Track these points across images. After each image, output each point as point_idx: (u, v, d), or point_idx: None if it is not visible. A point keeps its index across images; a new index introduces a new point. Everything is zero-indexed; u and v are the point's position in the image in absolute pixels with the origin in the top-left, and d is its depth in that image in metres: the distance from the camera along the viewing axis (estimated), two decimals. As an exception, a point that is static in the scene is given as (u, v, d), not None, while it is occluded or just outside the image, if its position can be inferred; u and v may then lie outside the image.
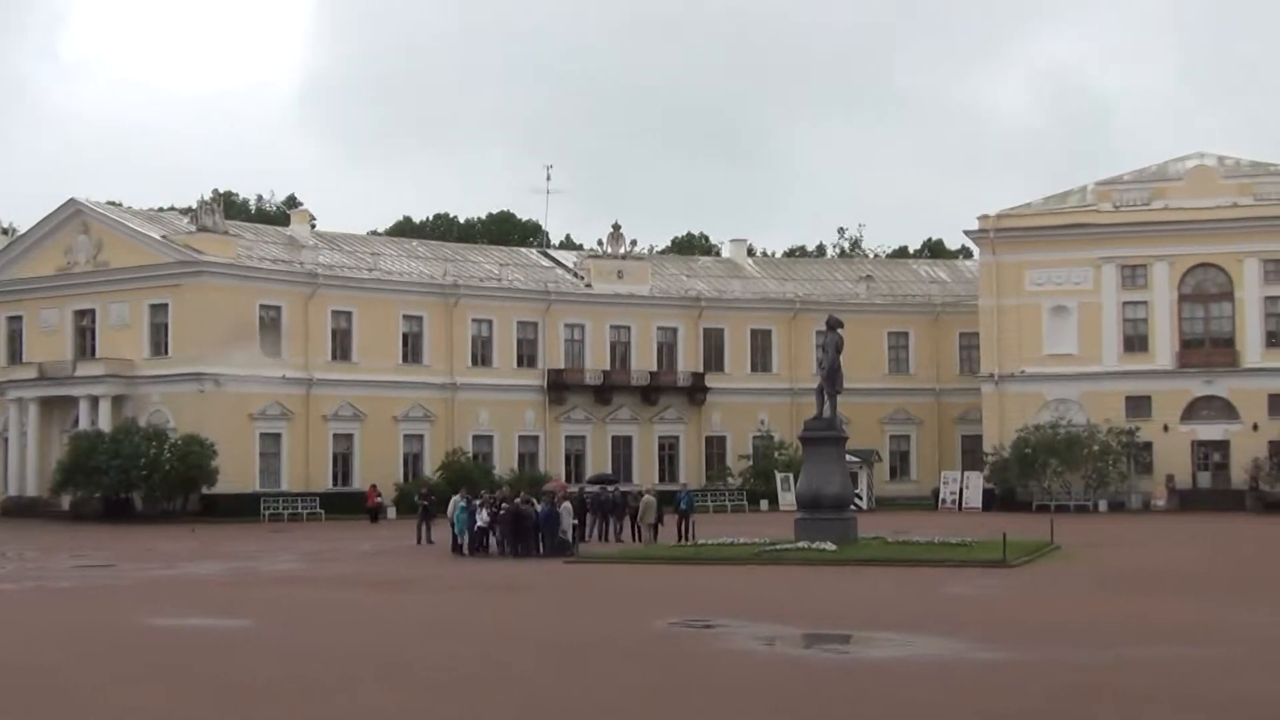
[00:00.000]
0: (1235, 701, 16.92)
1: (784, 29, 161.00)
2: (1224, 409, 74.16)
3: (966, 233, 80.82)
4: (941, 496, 75.29)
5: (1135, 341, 76.07)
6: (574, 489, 54.37)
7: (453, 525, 42.83)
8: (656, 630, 24.05)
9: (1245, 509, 69.28)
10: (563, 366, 77.63)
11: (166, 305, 68.12)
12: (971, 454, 79.81)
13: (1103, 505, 71.99)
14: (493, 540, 41.78)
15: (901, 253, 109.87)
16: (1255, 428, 73.04)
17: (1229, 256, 74.63)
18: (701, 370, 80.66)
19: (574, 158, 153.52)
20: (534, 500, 42.62)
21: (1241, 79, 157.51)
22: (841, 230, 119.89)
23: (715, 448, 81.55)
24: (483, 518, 41.73)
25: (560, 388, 77.04)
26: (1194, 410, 74.62)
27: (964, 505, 73.44)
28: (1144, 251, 75.47)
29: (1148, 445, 74.10)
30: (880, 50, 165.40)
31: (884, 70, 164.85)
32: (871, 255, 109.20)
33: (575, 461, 77.46)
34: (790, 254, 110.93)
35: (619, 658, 21.01)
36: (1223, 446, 74.11)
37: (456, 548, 42.27)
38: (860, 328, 74.81)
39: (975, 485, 74.96)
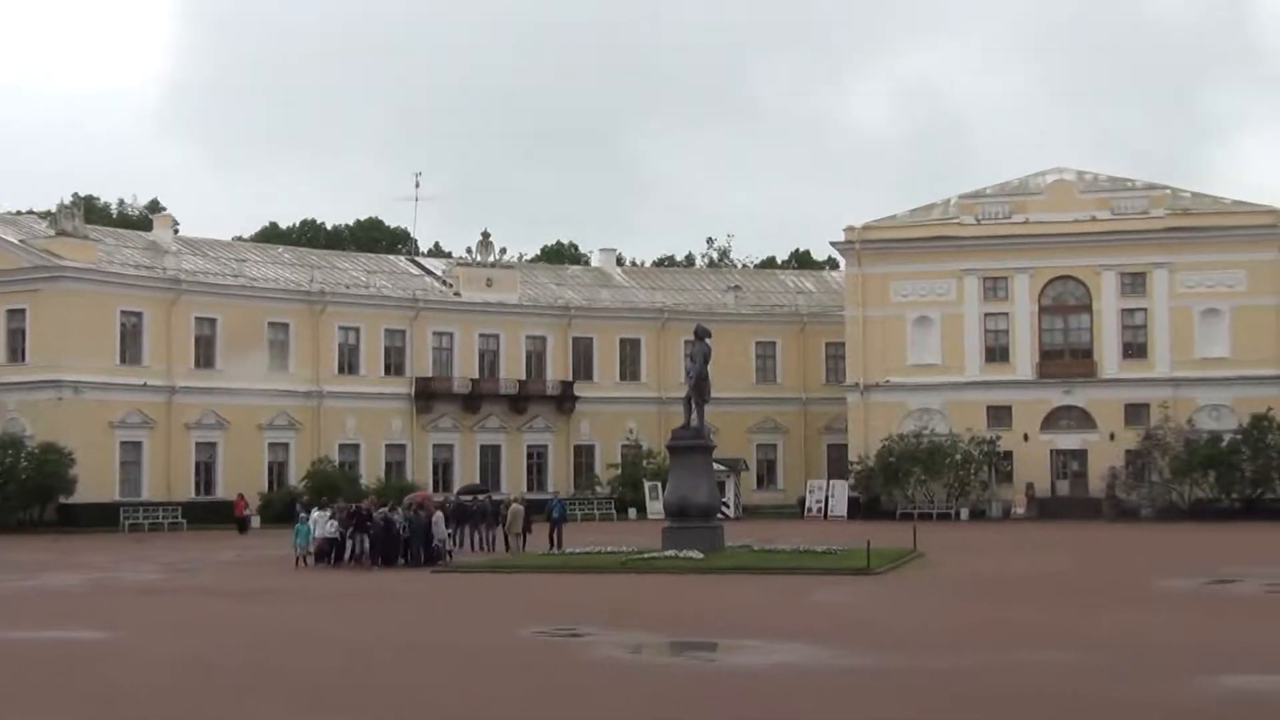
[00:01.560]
0: (1095, 704, 17.26)
1: (654, 38, 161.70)
2: (1082, 419, 75.73)
3: (833, 244, 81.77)
4: (807, 505, 75.99)
5: (996, 352, 77.43)
6: (440, 498, 53.94)
7: (295, 537, 41.89)
8: (523, 639, 24.00)
9: (1102, 517, 70.80)
10: (431, 375, 77.14)
11: (24, 311, 66.53)
12: (837, 463, 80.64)
13: (964, 513, 73.13)
14: (351, 549, 41.00)
15: (769, 263, 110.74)
16: (1112, 437, 74.63)
17: (1087, 269, 76.25)
18: (570, 379, 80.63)
19: (444, 165, 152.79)
20: (370, 511, 41.88)
21: (1101, 95, 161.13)
22: (710, 240, 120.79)
23: (584, 456, 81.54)
24: (329, 528, 40.91)
25: (428, 396, 76.53)
26: (1053, 420, 76.11)
27: (829, 513, 74.18)
28: (1005, 264, 76.85)
29: (1008, 454, 75.43)
30: (750, 62, 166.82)
31: (752, 82, 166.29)
32: (740, 265, 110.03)
33: (443, 470, 76.99)
34: (659, 264, 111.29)
35: (485, 667, 20.92)
36: (1080, 455, 75.64)
37: (302, 559, 41.13)
38: (728, 337, 75.27)
39: (840, 493, 75.75)
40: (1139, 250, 75.46)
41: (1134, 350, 76.05)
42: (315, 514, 41.94)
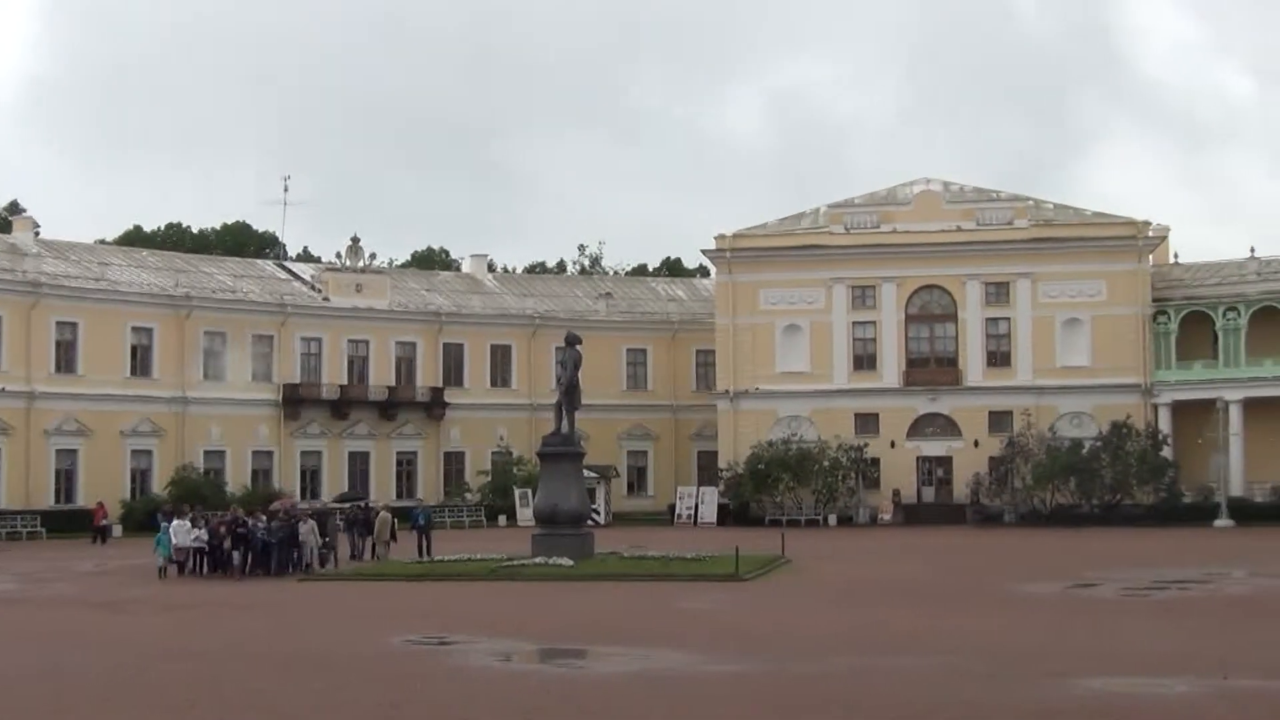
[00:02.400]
0: (956, 708, 17.50)
1: (523, 45, 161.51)
2: (947, 426, 76.85)
3: (704, 252, 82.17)
4: (677, 511, 76.24)
5: (864, 360, 78.31)
6: (305, 505, 53.31)
7: (157, 546, 41.13)
8: (391, 648, 23.80)
9: (966, 522, 71.97)
10: (299, 381, 76.21)
11: (-124, 314, 64.78)
12: (707, 469, 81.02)
13: (832, 519, 73.81)
14: (227, 559, 40.39)
15: (641, 271, 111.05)
16: (976, 444, 75.85)
17: (953, 279, 77.42)
18: (441, 385, 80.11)
19: (313, 170, 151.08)
20: (247, 519, 41.24)
21: (967, 106, 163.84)
22: (582, 247, 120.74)
23: (454, 463, 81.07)
24: (192, 537, 40.15)
25: (296, 402, 75.59)
26: (919, 427, 77.17)
27: (699, 520, 74.50)
28: (873, 273, 77.78)
29: (875, 461, 76.31)
30: (622, 69, 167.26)
31: (625, 89, 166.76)
32: (611, 273, 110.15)
33: (311, 478, 76.11)
34: (531, 270, 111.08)
35: (353, 676, 20.70)
36: (946, 462, 76.78)
37: (164, 569, 40.27)
38: (599, 344, 75.36)
39: (710, 500, 76.11)
40: (1003, 260, 76.80)
41: (998, 359, 77.35)
42: (175, 523, 41.12)
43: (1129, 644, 23.56)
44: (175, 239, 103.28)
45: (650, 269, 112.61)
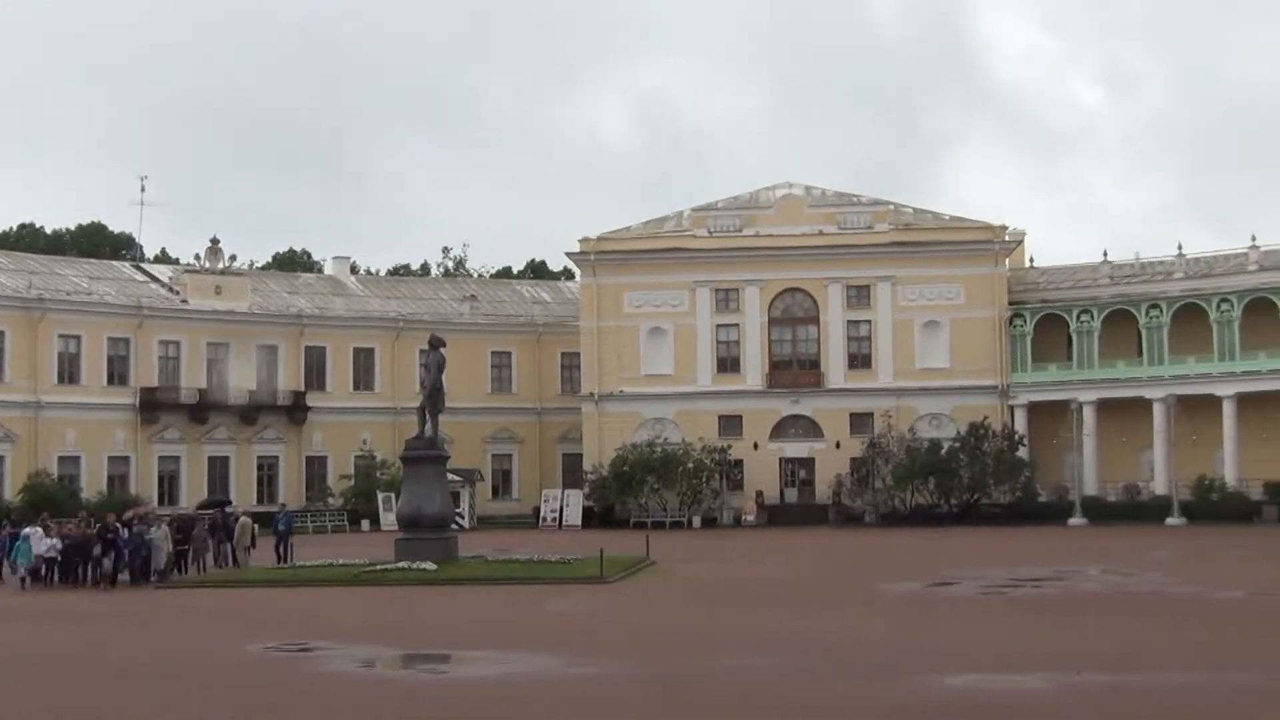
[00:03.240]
0: (815, 706, 17.69)
1: (386, 48, 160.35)
2: (809, 428, 77.69)
3: (568, 255, 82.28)
4: (543, 514, 76.12)
5: (728, 363, 78.92)
6: (165, 511, 52.32)
7: (7, 557, 40.06)
8: (251, 655, 23.47)
9: (828, 523, 72.78)
10: (156, 385, 74.83)
11: None
12: (572, 472, 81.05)
13: (697, 521, 74.27)
14: (89, 568, 39.31)
15: (505, 273, 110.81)
16: (838, 445, 76.76)
17: (815, 282, 78.28)
18: (302, 389, 79.23)
19: (171, 170, 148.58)
20: (119, 525, 40.36)
21: (829, 111, 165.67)
22: (446, 250, 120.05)
23: (316, 468, 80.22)
24: (45, 546, 39.14)
25: (154, 407, 74.25)
26: (782, 429, 77.91)
27: (564, 523, 74.47)
28: (736, 276, 78.40)
29: (739, 463, 76.90)
30: (484, 73, 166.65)
31: (490, 92, 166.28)
32: (476, 275, 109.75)
33: (169, 483, 74.83)
34: (394, 272, 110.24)
35: (211, 685, 20.38)
36: (808, 464, 77.62)
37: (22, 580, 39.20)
38: (463, 347, 74.95)
39: (575, 503, 76.09)
40: (864, 264, 77.82)
41: (859, 361, 78.36)
42: (28, 530, 40.03)
43: (986, 641, 23.97)
44: (28, 239, 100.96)
45: (515, 272, 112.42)
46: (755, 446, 77.35)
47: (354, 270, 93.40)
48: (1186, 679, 19.30)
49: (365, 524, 73.51)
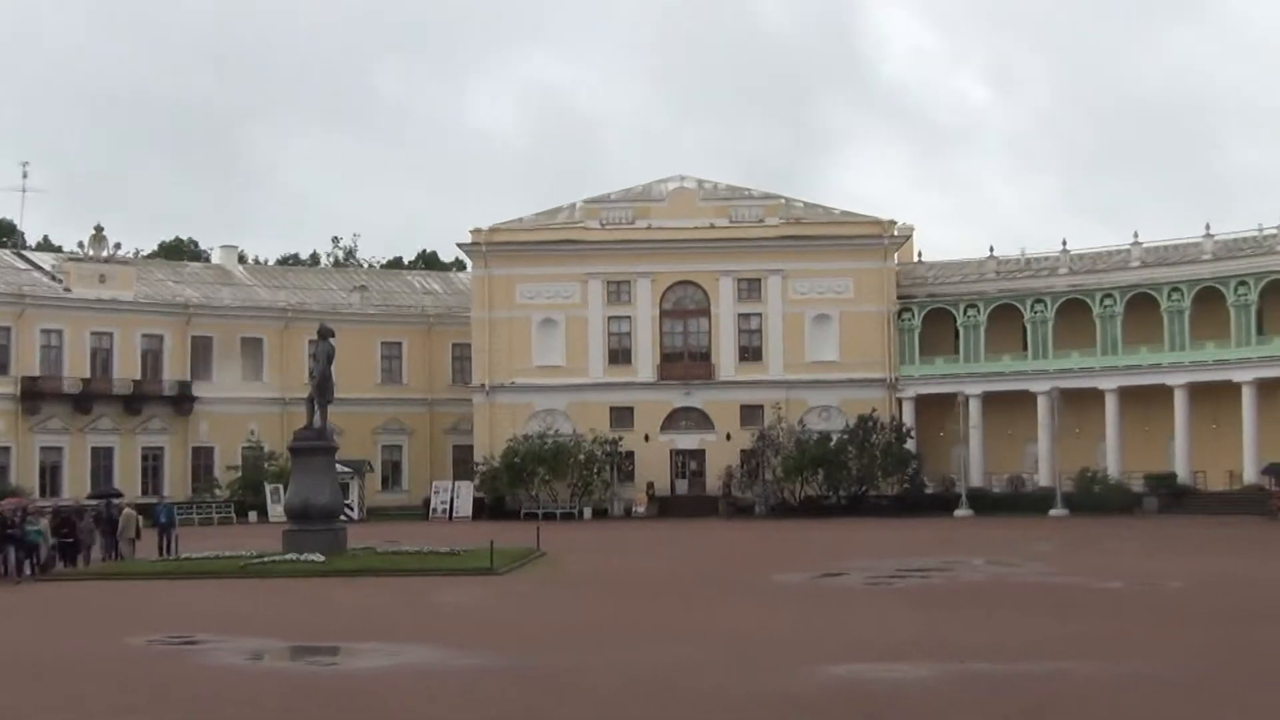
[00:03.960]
0: (706, 697, 17.76)
1: (277, 36, 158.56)
2: (701, 419, 78.03)
3: (460, 246, 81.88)
4: (433, 506, 75.82)
5: (619, 354, 79.02)
6: (47, 503, 51.31)
7: None
8: (134, 649, 23.11)
9: (719, 514, 73.16)
10: (38, 374, 73.42)
11: None
12: (463, 464, 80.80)
13: (587, 512, 74.33)
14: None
15: (396, 264, 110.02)
16: (728, 437, 77.19)
17: (706, 275, 78.60)
18: (189, 379, 78.18)
19: (55, 157, 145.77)
20: (16, 519, 39.38)
21: (722, 105, 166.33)
22: (336, 240, 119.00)
23: (203, 458, 79.20)
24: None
25: (35, 396, 72.84)
26: (673, 421, 78.16)
27: (454, 514, 74.25)
28: (628, 268, 78.50)
29: (630, 454, 77.11)
30: (376, 62, 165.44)
31: (379, 82, 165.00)
32: (366, 265, 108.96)
33: (51, 474, 73.42)
34: (283, 262, 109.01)
35: (92, 678, 20.04)
36: (699, 455, 77.96)
37: None
38: (353, 337, 74.55)
39: (466, 494, 75.88)
40: (755, 257, 78.28)
41: (749, 353, 78.82)
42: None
43: (873, 631, 24.22)
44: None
45: (406, 262, 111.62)
46: (646, 438, 77.55)
47: (242, 260, 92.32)
48: (1068, 668, 19.62)
49: (253, 516, 72.73)
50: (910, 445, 75.14)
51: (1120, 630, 23.89)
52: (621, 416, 77.75)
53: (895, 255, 79.85)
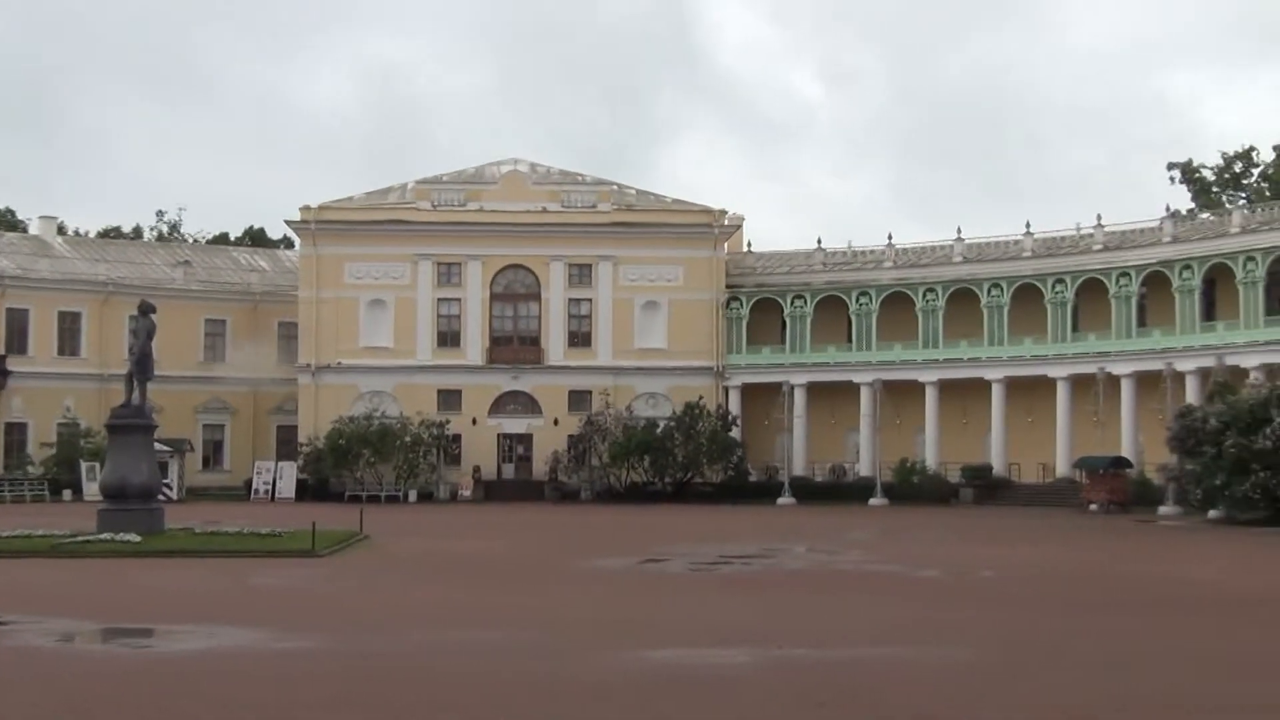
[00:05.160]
0: (522, 681, 17.80)
1: (88, 4, 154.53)
2: (529, 404, 78.05)
3: (288, 223, 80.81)
4: (254, 487, 74.79)
5: (448, 337, 78.69)
6: None
7: None
8: (-63, 629, 22.42)
9: (545, 498, 73.30)
10: None
11: None
12: (287, 444, 79.82)
13: (413, 495, 73.96)
14: None
15: (222, 239, 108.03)
16: (556, 422, 77.32)
17: (537, 259, 78.59)
18: (3, 352, 75.98)
19: None
20: None
21: (556, 89, 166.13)
22: (160, 213, 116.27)
23: (16, 434, 77.12)
24: None
25: None
26: (501, 405, 78.09)
27: (277, 496, 73.35)
28: (459, 250, 78.17)
29: (457, 438, 76.90)
30: (207, 34, 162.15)
31: (203, 54, 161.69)
32: (191, 240, 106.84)
33: None
34: (104, 234, 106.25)
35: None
36: (526, 440, 77.99)
37: None
38: (176, 313, 73.19)
39: (289, 476, 75.02)
40: (586, 243, 78.50)
41: (579, 339, 79.03)
42: None
43: (693, 617, 24.45)
44: None
45: (232, 238, 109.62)
46: (474, 422, 77.36)
47: (61, 231, 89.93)
48: (884, 653, 20.03)
49: (67, 494, 71.08)
50: (735, 433, 76.02)
51: (934, 617, 24.44)
52: (449, 399, 77.46)
53: (725, 245, 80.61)
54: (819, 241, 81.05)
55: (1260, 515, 52.54)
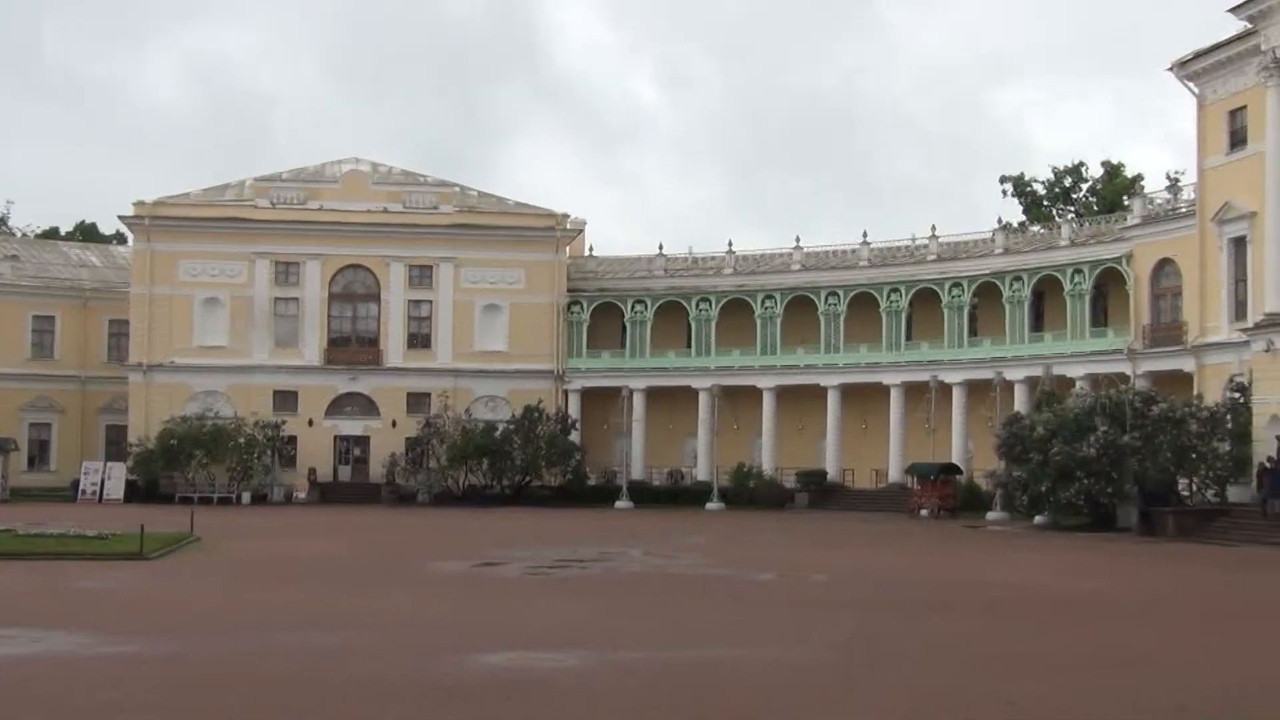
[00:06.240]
0: (355, 685, 17.67)
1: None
2: (366, 406, 77.38)
3: (121, 218, 79.18)
4: (82, 487, 73.04)
5: (286, 337, 77.71)
6: None
7: None
8: None
9: (382, 501, 72.70)
10: None
11: None
12: (116, 445, 78.26)
13: (246, 497, 72.88)
14: None
15: (52, 234, 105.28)
16: (394, 424, 76.77)
17: (377, 260, 77.99)
18: None
19: None
20: None
21: (398, 88, 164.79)
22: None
23: None
24: None
25: None
26: (338, 406, 77.35)
27: (105, 497, 71.75)
28: (298, 249, 77.26)
29: (293, 439, 75.95)
30: (36, 20, 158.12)
31: (32, 42, 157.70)
32: (19, 234, 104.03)
33: None
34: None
35: None
36: (363, 442, 77.31)
37: None
38: (1, 309, 71.17)
39: (118, 476, 73.43)
40: (427, 244, 78.11)
41: (418, 341, 78.60)
42: None
43: (528, 620, 24.46)
44: None
45: (63, 233, 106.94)
46: (310, 423, 76.51)
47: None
48: (717, 656, 20.23)
49: (-117, 494, 68.81)
50: (575, 437, 76.14)
51: (768, 619, 24.75)
52: (285, 400, 76.51)
53: (567, 249, 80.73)
54: (660, 247, 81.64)
55: (1084, 521, 54.03)
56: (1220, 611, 27.33)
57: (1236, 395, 53.72)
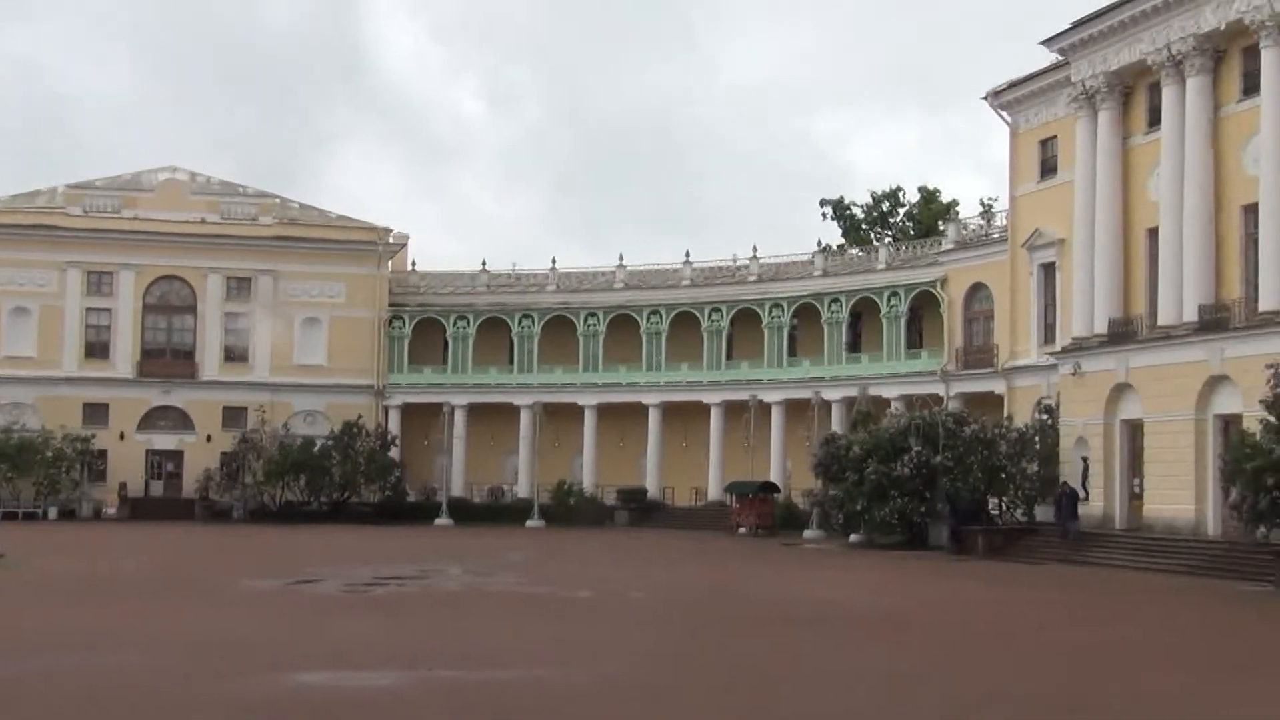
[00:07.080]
0: (163, 705, 17.27)
1: None
2: (181, 420, 75.89)
3: (-76, 223, 76.54)
4: (-123, 502, 70.41)
5: (97, 348, 75.94)
6: None
7: None
8: None
9: (195, 517, 71.30)
10: None
11: None
12: (-86, 458, 75.39)
13: (53, 512, 71.02)
14: None
15: None
16: (209, 439, 75.37)
17: (194, 271, 76.58)
18: None
19: None
20: None
21: (217, 96, 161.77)
22: None
23: None
24: None
25: None
26: (151, 420, 75.75)
27: (-97, 511, 69.24)
28: (111, 259, 75.57)
29: (103, 453, 74.17)
30: None
31: None
32: None
33: None
34: None
35: None
36: (177, 456, 75.78)
37: None
38: None
39: (-83, 490, 70.92)
40: (246, 256, 76.95)
41: (236, 354, 77.33)
42: None
43: (344, 639, 24.13)
44: None
45: None
46: (121, 437, 74.81)
47: None
48: (533, 674, 20.18)
49: None
50: (395, 453, 75.53)
51: (585, 637, 24.76)
52: (96, 413, 74.66)
53: (389, 263, 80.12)
54: (484, 263, 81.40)
55: (898, 539, 55.03)
56: (988, 626, 28.02)
57: (1044, 417, 55.24)
